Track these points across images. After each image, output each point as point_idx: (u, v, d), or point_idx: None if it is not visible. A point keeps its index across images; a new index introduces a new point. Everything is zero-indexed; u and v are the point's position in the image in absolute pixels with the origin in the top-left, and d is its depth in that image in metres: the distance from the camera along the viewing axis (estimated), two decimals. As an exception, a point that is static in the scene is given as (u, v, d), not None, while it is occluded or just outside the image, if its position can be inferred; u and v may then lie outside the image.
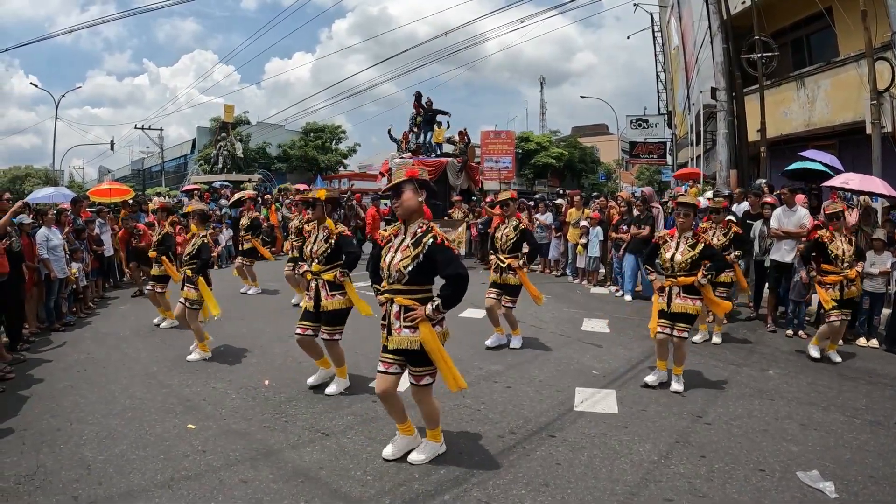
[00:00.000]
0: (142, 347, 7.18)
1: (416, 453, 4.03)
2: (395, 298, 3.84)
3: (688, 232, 5.66)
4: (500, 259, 6.95)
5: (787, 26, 17.64)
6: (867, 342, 7.42)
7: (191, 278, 6.74)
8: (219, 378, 5.89)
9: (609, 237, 11.01)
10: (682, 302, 5.54)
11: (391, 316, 3.88)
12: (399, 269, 3.79)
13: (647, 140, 33.47)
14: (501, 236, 7.06)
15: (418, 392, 3.95)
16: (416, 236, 3.83)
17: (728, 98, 14.09)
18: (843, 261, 6.60)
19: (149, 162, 58.62)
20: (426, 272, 3.82)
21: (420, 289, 3.86)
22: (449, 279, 3.73)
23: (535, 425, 4.72)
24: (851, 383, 5.92)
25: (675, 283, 5.57)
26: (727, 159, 13.81)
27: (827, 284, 6.62)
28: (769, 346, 7.35)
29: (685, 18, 25.46)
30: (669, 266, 5.61)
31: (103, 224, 11.28)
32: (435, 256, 3.74)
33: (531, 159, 51.90)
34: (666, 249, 5.69)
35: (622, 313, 9.08)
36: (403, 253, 3.82)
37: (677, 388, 5.50)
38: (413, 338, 3.79)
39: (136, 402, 5.25)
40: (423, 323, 3.75)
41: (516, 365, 6.32)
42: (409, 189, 3.86)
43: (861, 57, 12.89)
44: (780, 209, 8.32)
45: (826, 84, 15.37)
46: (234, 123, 35.16)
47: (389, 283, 3.88)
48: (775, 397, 5.44)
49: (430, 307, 3.73)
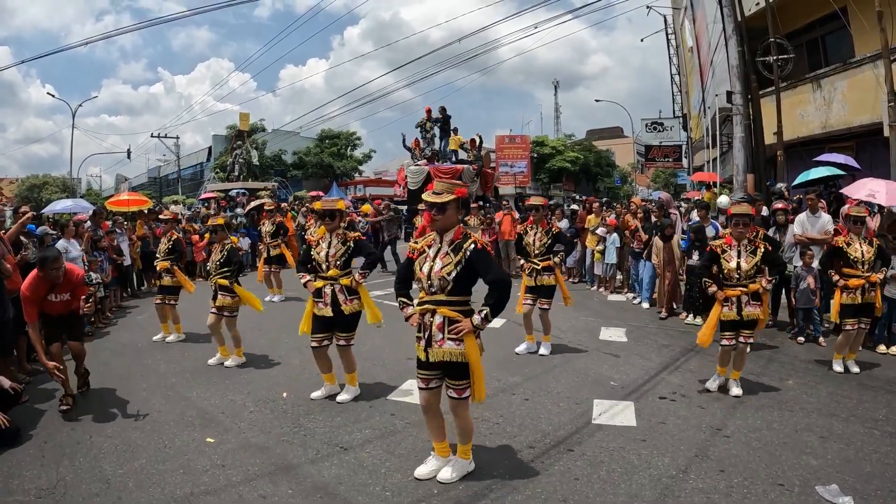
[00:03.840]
0: (160, 358, 7.24)
1: (446, 471, 4.01)
2: (439, 309, 3.81)
3: (744, 240, 5.68)
4: (534, 263, 7.04)
5: (802, 27, 17.52)
6: (887, 349, 7.32)
7: (225, 286, 6.82)
8: (237, 390, 5.93)
9: (625, 244, 10.96)
10: (753, 309, 5.62)
11: (433, 327, 3.83)
12: (442, 276, 3.76)
13: (662, 143, 33.24)
14: (534, 241, 7.13)
15: (458, 405, 3.94)
16: (453, 243, 3.82)
17: (744, 101, 13.97)
18: (864, 262, 6.51)
19: (165, 170, 59.21)
20: (467, 280, 3.81)
21: (463, 299, 3.85)
22: (493, 285, 3.74)
23: (554, 439, 4.71)
24: (872, 393, 5.85)
25: (746, 291, 5.60)
26: (744, 163, 13.69)
27: (849, 289, 6.50)
28: (788, 354, 7.27)
29: (699, 20, 25.28)
30: (736, 275, 5.62)
31: (121, 234, 11.42)
32: (475, 263, 3.73)
33: (546, 163, 51.83)
34: (728, 259, 5.68)
35: (640, 321, 9.03)
36: (444, 260, 3.79)
37: (737, 393, 5.62)
38: (457, 350, 3.77)
39: (155, 415, 5.30)
40: (468, 336, 3.75)
41: (534, 376, 6.30)
42: (454, 206, 3.86)
43: (878, 57, 12.76)
44: (804, 214, 8.26)
45: (842, 85, 15.23)
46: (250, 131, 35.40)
47: (430, 293, 3.85)
48: (794, 408, 5.38)
49: (477, 318, 3.71)
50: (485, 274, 3.74)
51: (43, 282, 5.40)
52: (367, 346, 7.30)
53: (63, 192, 49.71)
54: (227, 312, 6.79)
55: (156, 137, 43.32)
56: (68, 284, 5.57)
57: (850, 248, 6.60)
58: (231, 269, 6.86)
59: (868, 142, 14.53)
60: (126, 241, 11.60)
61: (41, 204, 53.56)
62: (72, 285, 5.61)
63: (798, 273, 7.91)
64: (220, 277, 6.86)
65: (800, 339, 7.80)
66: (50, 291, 5.48)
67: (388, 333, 7.75)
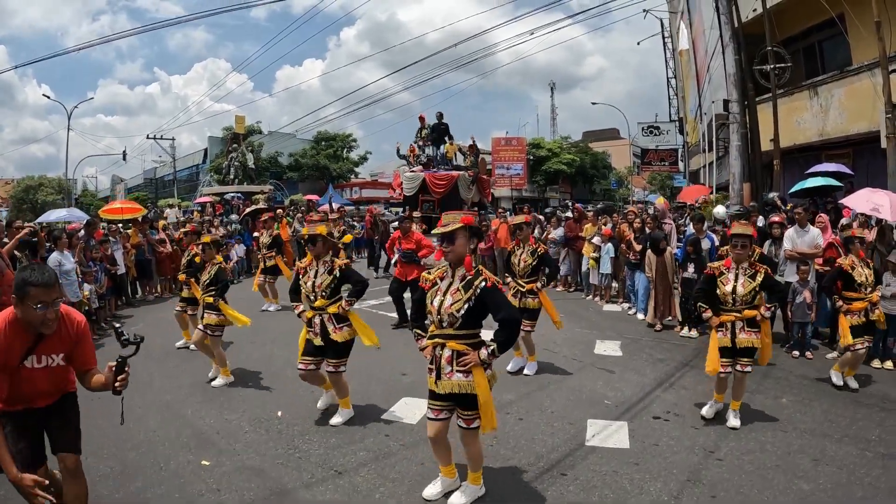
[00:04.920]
0: (155, 372, 7.24)
1: (458, 496, 4.04)
2: (448, 343, 3.84)
3: (744, 262, 5.46)
4: (519, 284, 6.92)
5: (799, 33, 17.58)
6: (882, 364, 7.35)
7: (211, 304, 6.81)
8: (232, 408, 5.94)
9: (621, 253, 10.98)
10: (748, 336, 5.39)
11: (442, 360, 3.87)
12: (451, 312, 3.78)
13: (658, 147, 33.40)
14: (519, 262, 6.99)
15: (468, 435, 3.96)
16: (465, 279, 3.82)
17: (741, 110, 14.04)
18: (867, 286, 6.55)
19: (161, 171, 59.11)
20: (477, 315, 3.83)
21: (471, 333, 3.86)
22: (502, 324, 3.75)
23: (547, 462, 4.72)
24: (865, 410, 5.87)
25: (741, 317, 5.39)
26: (740, 172, 13.76)
27: (853, 312, 6.52)
28: (783, 369, 7.28)
29: (696, 25, 25.35)
30: (731, 300, 5.41)
31: (115, 242, 11.42)
32: (486, 300, 3.74)
33: (542, 166, 51.98)
34: (724, 282, 5.46)
35: (635, 333, 9.04)
36: (454, 296, 3.80)
37: (734, 425, 5.39)
38: (466, 382, 3.79)
39: (151, 435, 5.30)
40: (476, 368, 3.77)
41: (528, 394, 6.31)
42: (462, 235, 3.84)
43: (875, 65, 12.82)
44: (793, 229, 8.27)
45: (839, 93, 15.28)
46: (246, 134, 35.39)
47: (440, 327, 3.88)
48: (788, 428, 5.40)
49: (484, 352, 3.74)
50: (495, 312, 3.76)
51: (20, 329, 3.16)
52: (360, 361, 7.29)
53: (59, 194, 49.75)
54: (210, 331, 6.76)
55: (152, 139, 43.13)
56: (65, 339, 3.32)
57: (854, 271, 6.62)
58: (217, 288, 6.86)
59: (865, 149, 14.60)
60: (120, 249, 11.60)
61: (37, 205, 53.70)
62: (70, 341, 3.34)
63: (795, 287, 7.94)
64: (207, 295, 6.87)
65: (794, 353, 7.83)
66: (32, 348, 3.22)
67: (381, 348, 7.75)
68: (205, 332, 6.77)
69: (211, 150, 49.95)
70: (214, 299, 6.81)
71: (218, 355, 6.83)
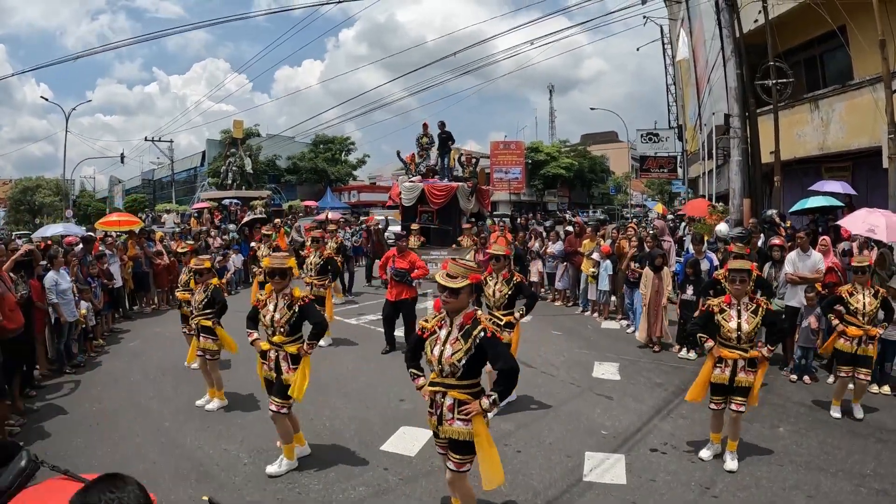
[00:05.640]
0: (153, 395, 7.24)
1: None
2: (449, 392, 3.85)
3: (744, 297, 5.31)
4: (496, 317, 6.48)
5: (800, 44, 17.58)
6: (879, 389, 7.36)
7: (207, 328, 6.72)
8: (230, 437, 5.93)
9: (619, 270, 10.99)
10: (746, 376, 5.24)
11: (444, 408, 3.89)
12: (452, 362, 3.78)
13: (657, 154, 33.46)
14: (494, 292, 6.59)
15: (456, 478, 3.96)
16: (464, 328, 3.82)
17: (742, 125, 14.01)
18: (865, 315, 6.52)
19: (159, 173, 59.04)
20: (477, 365, 3.85)
21: (472, 382, 3.88)
22: (502, 374, 3.77)
23: (544, 499, 4.73)
24: (861, 442, 5.87)
25: (744, 356, 5.23)
26: (740, 188, 13.72)
27: (847, 337, 6.53)
28: (780, 395, 7.28)
29: (696, 34, 25.34)
30: (736, 336, 5.22)
31: (112, 256, 11.41)
32: (486, 349, 3.75)
33: (541, 170, 51.98)
34: (727, 318, 5.28)
35: (633, 355, 9.03)
36: (454, 346, 3.79)
37: (732, 468, 5.22)
38: (466, 430, 3.81)
39: (150, 466, 5.30)
40: (477, 417, 3.78)
41: (527, 424, 6.29)
42: (467, 291, 3.87)
43: (877, 80, 12.78)
44: (794, 253, 8.26)
45: (840, 107, 15.26)
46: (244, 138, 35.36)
47: (441, 376, 3.88)
48: (784, 461, 5.40)
49: (486, 402, 3.75)
50: (494, 361, 3.77)
51: None
52: (357, 385, 7.32)
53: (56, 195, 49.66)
54: (208, 356, 6.72)
55: (150, 141, 43.09)
56: None
57: (852, 298, 6.61)
58: (214, 310, 6.76)
59: (865, 163, 14.59)
60: (117, 262, 11.58)
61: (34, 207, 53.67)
62: None
63: (801, 312, 7.95)
64: (203, 318, 6.76)
65: (792, 376, 7.83)
66: None
67: (379, 371, 7.77)
68: (203, 356, 6.74)
69: (209, 153, 49.88)
70: (213, 323, 6.73)
71: (216, 379, 6.80)
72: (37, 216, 54.06)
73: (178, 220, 25.88)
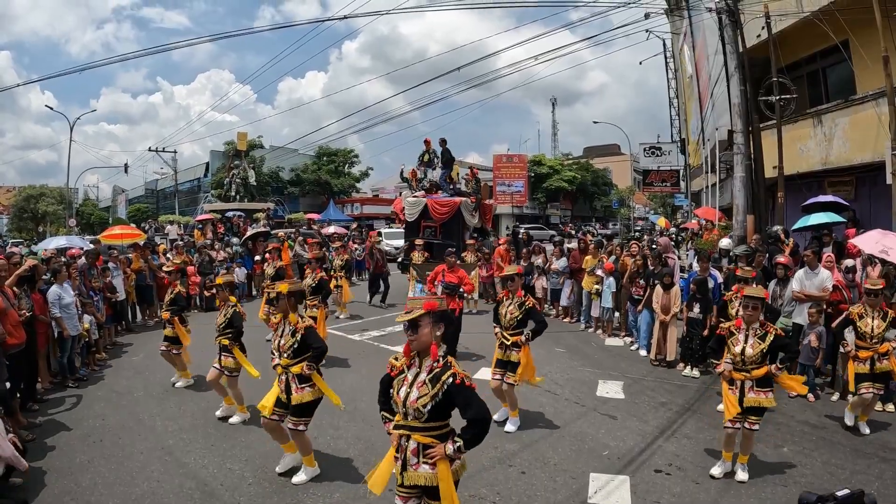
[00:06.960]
0: (157, 412, 7.23)
1: None
2: (413, 436, 3.63)
3: (755, 323, 5.46)
4: (504, 336, 6.75)
5: (803, 59, 17.60)
6: (884, 407, 7.34)
7: (227, 347, 6.89)
8: (235, 456, 5.92)
9: (623, 287, 10.97)
10: (756, 396, 5.37)
11: (408, 452, 3.65)
12: (417, 407, 3.54)
13: (660, 168, 33.52)
14: (506, 313, 6.79)
15: None
16: (432, 371, 3.57)
17: (745, 141, 14.01)
18: (873, 337, 6.55)
19: (163, 183, 59.20)
20: (445, 409, 3.59)
21: (439, 425, 3.62)
22: (471, 423, 3.51)
23: (550, 523, 4.70)
24: (865, 462, 5.86)
25: (749, 377, 5.39)
26: (744, 203, 13.70)
27: (860, 360, 6.57)
28: (784, 413, 7.23)
29: (699, 48, 25.37)
30: (740, 360, 5.41)
31: (116, 268, 11.42)
32: (454, 397, 3.52)
33: (544, 183, 52.12)
34: (734, 343, 5.47)
35: (637, 373, 9.00)
36: (420, 390, 3.55)
37: (743, 479, 5.39)
38: (432, 475, 3.57)
39: (154, 485, 5.28)
40: (442, 461, 3.55)
41: (531, 444, 6.27)
42: (427, 323, 3.60)
43: (880, 95, 12.78)
44: (802, 271, 8.26)
45: (843, 122, 15.22)
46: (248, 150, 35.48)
47: (405, 419, 3.65)
48: (788, 482, 5.38)
49: (451, 447, 3.49)
50: (463, 410, 3.52)
51: None
52: (362, 403, 7.28)
53: (60, 204, 49.73)
54: (227, 372, 6.86)
55: (153, 151, 43.18)
56: None
57: (861, 321, 6.63)
58: (232, 332, 6.89)
59: (868, 176, 14.59)
60: (120, 275, 11.59)
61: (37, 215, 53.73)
62: None
63: (805, 329, 7.94)
64: (224, 338, 6.93)
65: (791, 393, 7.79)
66: None
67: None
68: (221, 372, 6.86)
69: (212, 164, 50.05)
70: (231, 343, 6.87)
71: (235, 395, 6.93)
72: (40, 224, 54.19)
73: (182, 230, 25.90)
